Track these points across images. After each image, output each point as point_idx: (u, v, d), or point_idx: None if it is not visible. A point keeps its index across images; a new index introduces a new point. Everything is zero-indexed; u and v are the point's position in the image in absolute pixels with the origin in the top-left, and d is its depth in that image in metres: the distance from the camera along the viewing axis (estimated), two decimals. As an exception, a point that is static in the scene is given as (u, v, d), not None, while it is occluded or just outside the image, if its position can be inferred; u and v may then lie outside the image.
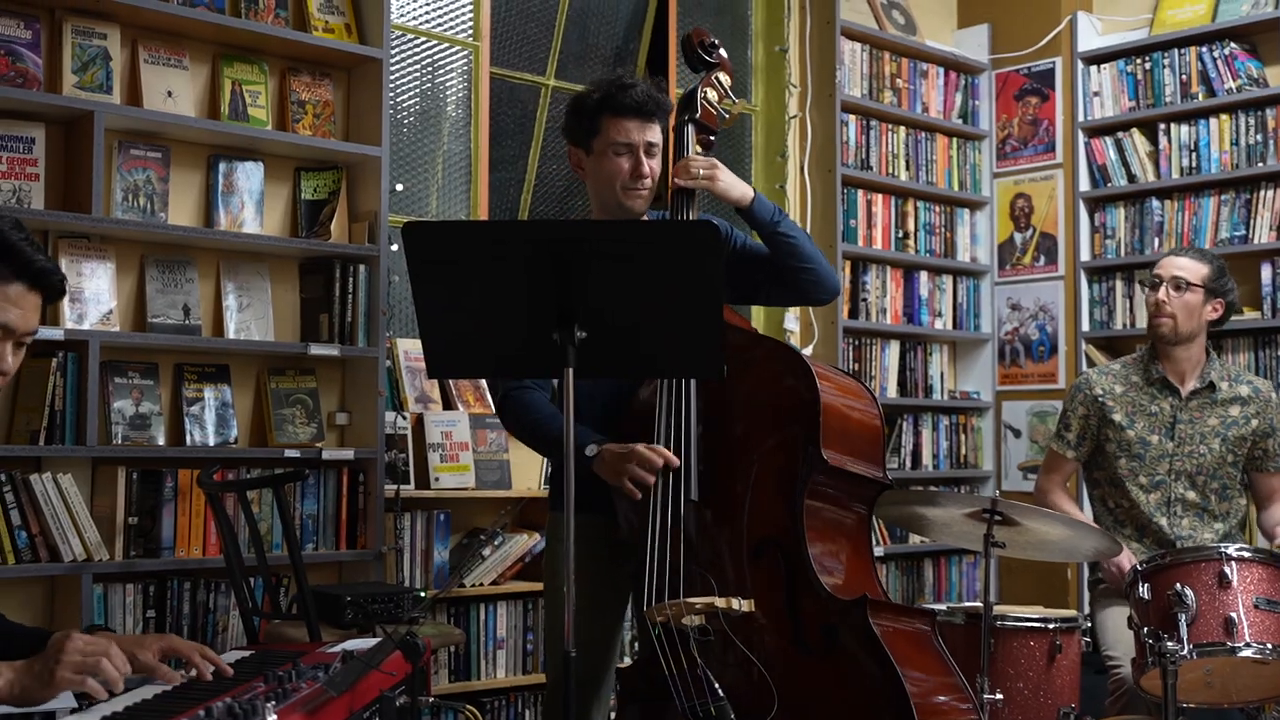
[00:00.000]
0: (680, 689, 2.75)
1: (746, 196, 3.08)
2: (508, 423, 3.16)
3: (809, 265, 3.10)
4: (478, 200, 4.89)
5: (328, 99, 4.24)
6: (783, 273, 3.11)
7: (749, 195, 3.08)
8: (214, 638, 3.83)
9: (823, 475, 2.79)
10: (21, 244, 2.04)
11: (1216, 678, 3.25)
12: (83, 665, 1.98)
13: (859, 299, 5.69)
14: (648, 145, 3.04)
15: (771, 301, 3.29)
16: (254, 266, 4.08)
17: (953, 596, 5.90)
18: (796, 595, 2.76)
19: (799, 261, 3.09)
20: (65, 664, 1.98)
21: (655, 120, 3.07)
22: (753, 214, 3.08)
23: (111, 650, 2.02)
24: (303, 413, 4.09)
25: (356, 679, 1.99)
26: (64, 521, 3.55)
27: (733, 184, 3.08)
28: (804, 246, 3.10)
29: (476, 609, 4.39)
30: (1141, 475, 3.96)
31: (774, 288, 3.16)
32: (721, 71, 3.25)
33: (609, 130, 3.04)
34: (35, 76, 3.66)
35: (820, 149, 5.62)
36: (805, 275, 3.10)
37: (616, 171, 3.03)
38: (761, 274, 3.15)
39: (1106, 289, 5.77)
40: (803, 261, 3.09)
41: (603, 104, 3.05)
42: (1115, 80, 5.79)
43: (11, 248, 2.03)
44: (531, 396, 3.05)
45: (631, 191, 3.04)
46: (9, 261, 2.04)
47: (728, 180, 3.08)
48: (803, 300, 3.23)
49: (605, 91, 3.06)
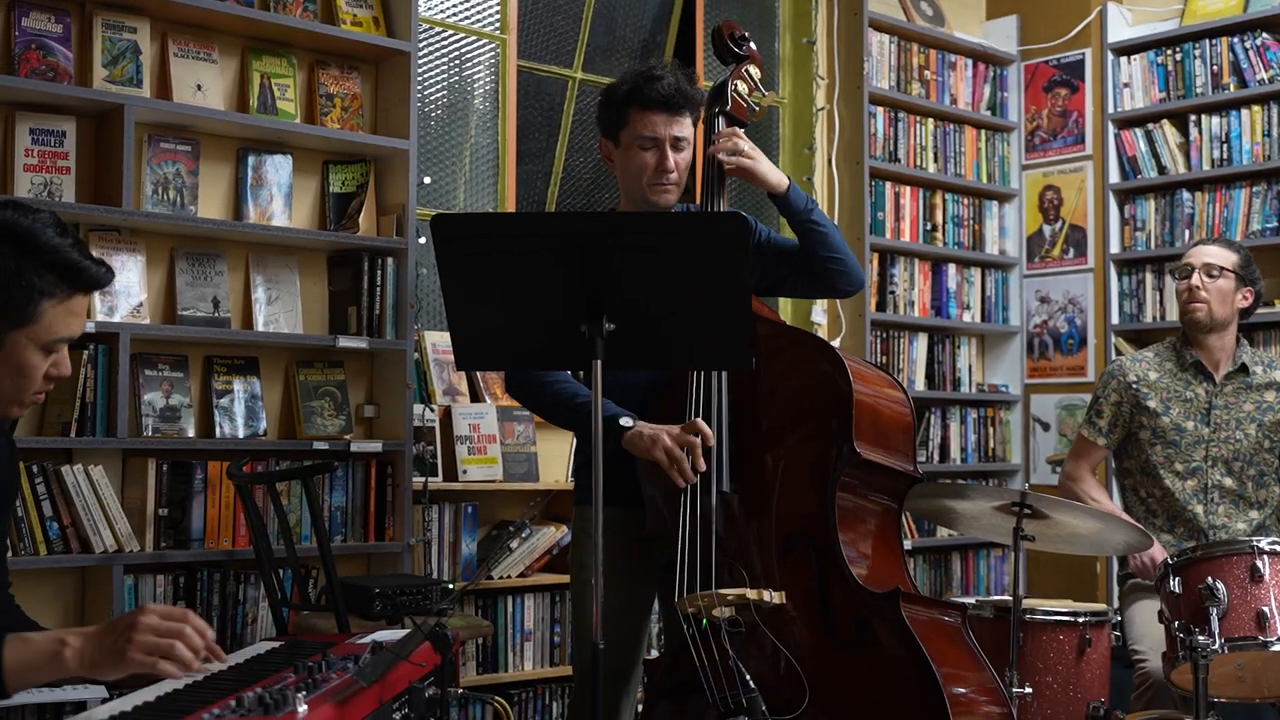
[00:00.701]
0: (711, 680, 2.75)
1: (782, 184, 3.08)
2: (520, 391, 3.12)
3: (837, 256, 3.10)
4: (505, 193, 4.89)
5: (356, 92, 4.25)
6: (811, 263, 3.10)
7: (784, 183, 3.09)
8: (243, 629, 3.85)
9: (854, 468, 2.79)
10: (73, 253, 2.07)
11: (1248, 672, 3.23)
12: (155, 647, 1.96)
13: (887, 292, 5.67)
14: (674, 139, 3.02)
15: (795, 293, 3.28)
16: (283, 259, 4.09)
17: (980, 590, 5.88)
18: (828, 587, 2.75)
19: (828, 252, 3.09)
20: (137, 644, 1.95)
21: (684, 114, 3.04)
22: (787, 201, 3.08)
23: (186, 630, 1.98)
24: (331, 405, 4.11)
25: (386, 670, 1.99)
26: (95, 513, 3.57)
27: (771, 170, 3.09)
28: (834, 237, 3.11)
29: (504, 601, 4.40)
30: (1177, 462, 3.93)
31: (799, 279, 3.16)
32: (751, 64, 3.24)
33: (635, 124, 3.03)
34: (66, 70, 3.68)
35: (848, 141, 5.61)
36: (833, 265, 3.10)
37: (642, 166, 3.03)
38: (786, 267, 3.14)
39: (1136, 281, 5.73)
40: (832, 252, 3.09)
41: (630, 96, 3.04)
42: (1146, 71, 5.75)
43: (72, 265, 2.07)
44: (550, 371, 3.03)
45: (657, 187, 3.03)
46: (74, 279, 2.08)
47: (767, 165, 3.09)
48: (828, 292, 3.22)
49: (633, 84, 3.04)
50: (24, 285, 2.04)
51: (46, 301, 2.06)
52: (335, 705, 1.83)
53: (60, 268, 2.06)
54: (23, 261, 2.04)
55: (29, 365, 2.10)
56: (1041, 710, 3.34)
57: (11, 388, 2.12)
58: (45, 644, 1.99)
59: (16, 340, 2.07)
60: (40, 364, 2.11)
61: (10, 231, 2.04)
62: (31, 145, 3.62)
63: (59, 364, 2.13)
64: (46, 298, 2.06)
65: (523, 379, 3.08)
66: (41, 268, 2.05)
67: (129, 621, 1.98)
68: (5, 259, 2.03)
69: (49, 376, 2.13)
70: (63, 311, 2.09)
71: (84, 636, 1.99)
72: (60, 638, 2.00)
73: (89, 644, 1.98)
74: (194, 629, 1.99)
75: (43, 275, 2.05)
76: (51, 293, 2.06)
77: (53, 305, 2.07)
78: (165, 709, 1.95)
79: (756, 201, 5.38)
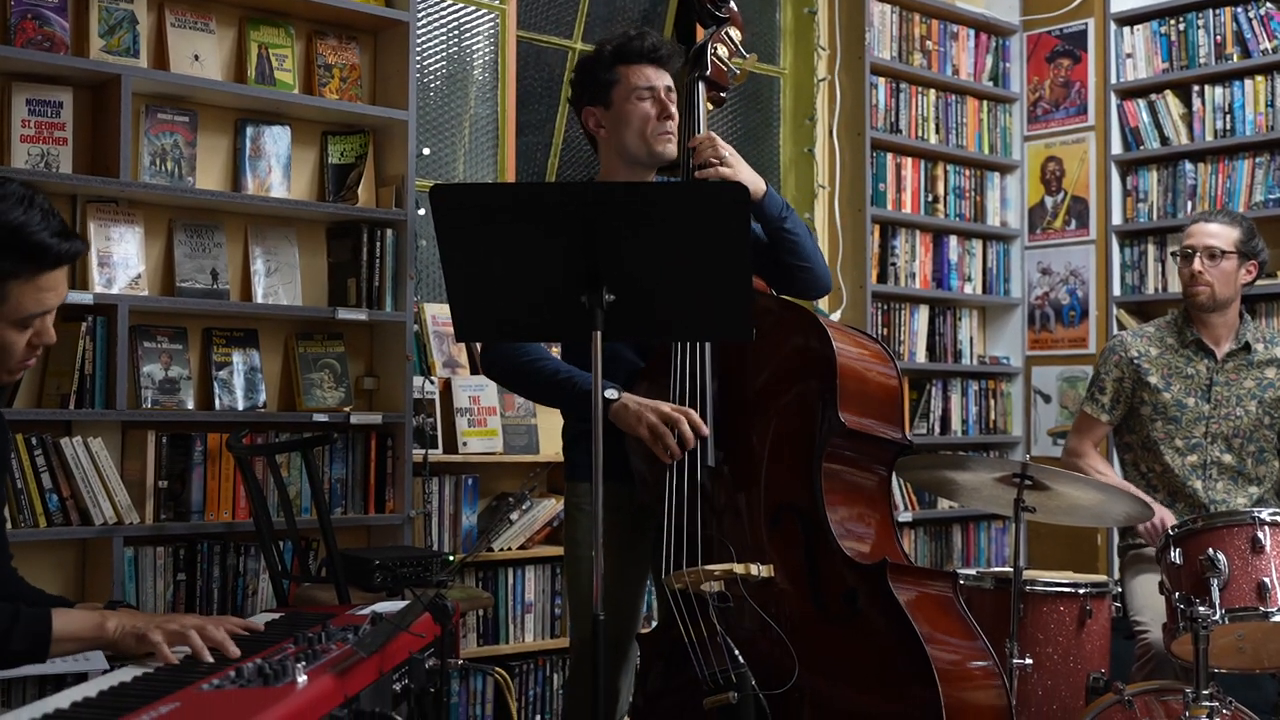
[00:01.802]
0: (700, 656, 2.75)
1: (759, 189, 3.04)
2: (496, 370, 3.11)
3: (806, 265, 3.10)
4: (505, 164, 4.87)
5: (354, 62, 4.22)
6: (780, 267, 3.10)
7: (761, 188, 3.05)
8: (244, 601, 3.85)
9: (840, 438, 2.78)
10: (41, 233, 2.07)
11: (1248, 643, 3.23)
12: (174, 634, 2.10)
13: (888, 263, 5.66)
14: (666, 89, 3.07)
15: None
16: (282, 231, 4.08)
17: (981, 562, 5.89)
18: (816, 560, 2.74)
19: (797, 260, 3.09)
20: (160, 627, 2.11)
21: (670, 68, 3.10)
22: (762, 208, 3.05)
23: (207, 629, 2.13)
24: (331, 377, 4.10)
25: (386, 641, 1.99)
26: (94, 485, 3.57)
27: (748, 175, 3.05)
28: (805, 244, 3.10)
29: (505, 573, 4.41)
30: (1177, 438, 3.93)
31: (767, 277, 3.14)
32: (732, 26, 3.19)
33: (629, 78, 3.05)
34: (62, 40, 3.66)
35: (849, 112, 5.58)
36: (802, 274, 3.11)
37: (644, 116, 3.05)
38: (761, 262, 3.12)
39: (1138, 253, 5.72)
40: (801, 260, 3.09)
41: (618, 55, 3.08)
42: (1148, 41, 5.72)
43: (37, 245, 2.06)
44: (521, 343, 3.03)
45: (662, 135, 3.06)
46: (39, 258, 2.08)
47: (746, 171, 3.05)
48: (793, 294, 3.22)
49: (617, 43, 3.09)
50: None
51: (12, 282, 2.07)
52: (335, 676, 1.83)
53: (22, 249, 2.06)
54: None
55: (6, 342, 2.12)
56: (1042, 681, 3.34)
57: None
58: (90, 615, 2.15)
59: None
60: (18, 339, 2.12)
61: None
62: (28, 116, 3.60)
63: (41, 334, 2.15)
64: (10, 279, 2.06)
65: (499, 358, 3.07)
66: (5, 253, 2.04)
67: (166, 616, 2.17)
68: None
69: (33, 345, 2.15)
70: (31, 289, 2.09)
71: (123, 615, 2.17)
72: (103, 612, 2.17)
73: (125, 620, 2.13)
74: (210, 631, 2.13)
75: (5, 258, 2.05)
76: (15, 273, 2.06)
77: (19, 285, 2.07)
78: (165, 679, 1.95)
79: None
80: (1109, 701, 3.06)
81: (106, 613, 2.15)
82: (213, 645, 2.09)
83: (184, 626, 2.11)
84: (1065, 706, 3.33)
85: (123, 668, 2.04)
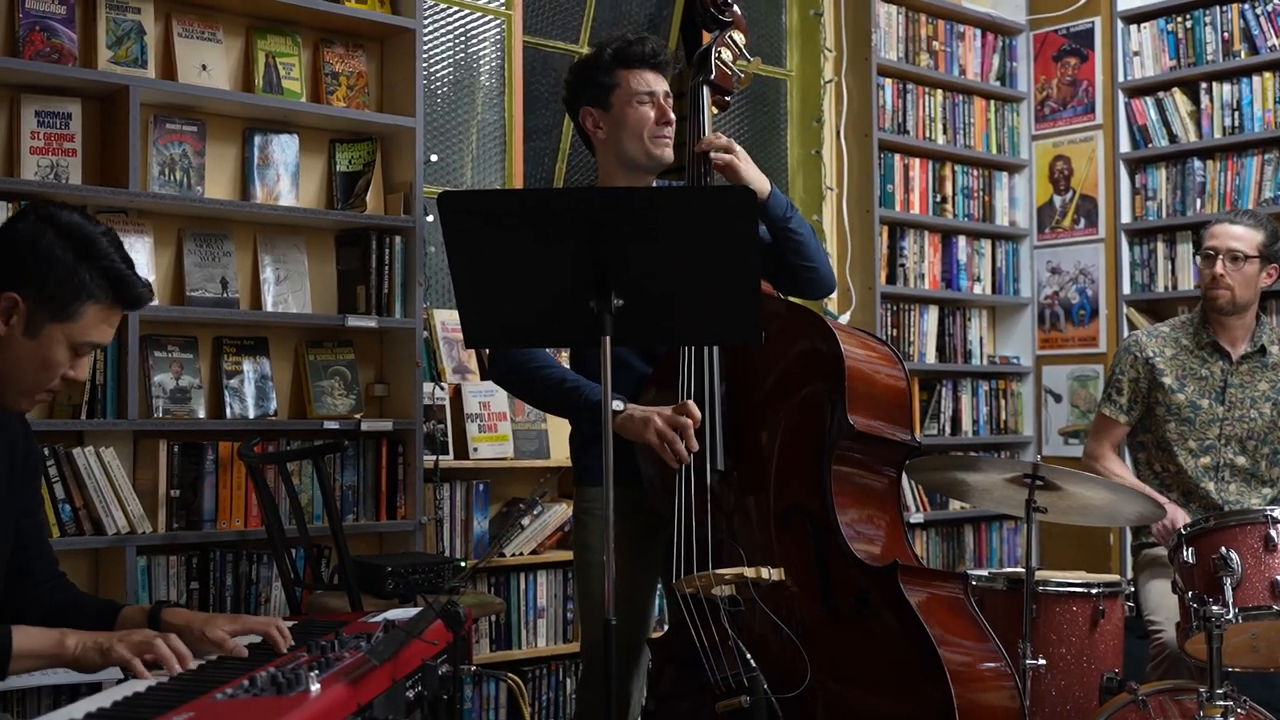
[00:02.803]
0: (711, 660, 2.74)
1: (764, 189, 3.04)
2: (505, 378, 3.12)
3: (810, 265, 3.11)
4: (512, 170, 4.87)
5: (361, 70, 4.23)
6: (784, 267, 3.10)
7: (766, 188, 3.05)
8: (256, 609, 3.86)
9: (849, 440, 2.77)
10: (125, 268, 2.21)
11: (1262, 642, 3.22)
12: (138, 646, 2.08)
13: (897, 265, 5.65)
14: (666, 95, 3.08)
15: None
16: (291, 239, 4.09)
17: (993, 562, 5.88)
18: (827, 563, 2.74)
19: (802, 260, 3.09)
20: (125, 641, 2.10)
21: (668, 73, 3.11)
22: (768, 207, 3.04)
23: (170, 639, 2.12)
24: (341, 384, 4.11)
25: (399, 648, 1.99)
26: (107, 495, 3.58)
27: (755, 174, 3.06)
28: (809, 245, 3.10)
29: (517, 578, 4.41)
30: (1191, 440, 3.92)
31: (774, 280, 3.14)
32: (736, 30, 3.19)
33: (629, 82, 3.05)
34: (70, 52, 3.67)
35: (856, 113, 5.58)
36: (807, 274, 3.12)
37: (643, 120, 3.05)
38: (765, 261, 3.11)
39: (1148, 251, 5.71)
40: (805, 260, 3.09)
41: (617, 58, 3.07)
42: (1156, 39, 5.71)
43: (123, 278, 2.21)
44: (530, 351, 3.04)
45: (660, 139, 3.06)
46: (120, 292, 2.22)
47: (750, 169, 3.06)
48: (798, 294, 3.22)
49: (617, 46, 3.09)
50: (77, 282, 2.16)
51: (92, 304, 2.18)
52: (348, 684, 1.83)
53: (113, 277, 2.19)
54: (81, 261, 2.17)
55: (55, 360, 2.19)
56: (1055, 682, 3.33)
57: (32, 379, 2.21)
58: (48, 633, 2.14)
59: (52, 333, 2.17)
60: (64, 362, 2.20)
61: (76, 232, 2.18)
62: (37, 128, 3.61)
63: (79, 367, 2.23)
64: (93, 301, 2.18)
65: (508, 366, 3.07)
66: (96, 272, 2.18)
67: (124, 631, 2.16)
68: (66, 254, 2.16)
69: (64, 378, 2.22)
70: (102, 318, 2.21)
71: (80, 633, 2.15)
72: (61, 630, 2.15)
73: (85, 637, 2.13)
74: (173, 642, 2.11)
75: (95, 279, 2.18)
76: (98, 297, 2.18)
77: (96, 309, 2.19)
78: (179, 689, 1.96)
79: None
80: (1123, 701, 3.06)
81: (66, 630, 2.14)
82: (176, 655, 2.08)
83: (146, 638, 2.10)
84: (1079, 707, 3.32)
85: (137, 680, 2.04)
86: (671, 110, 3.07)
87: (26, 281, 2.15)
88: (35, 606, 2.37)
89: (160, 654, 2.07)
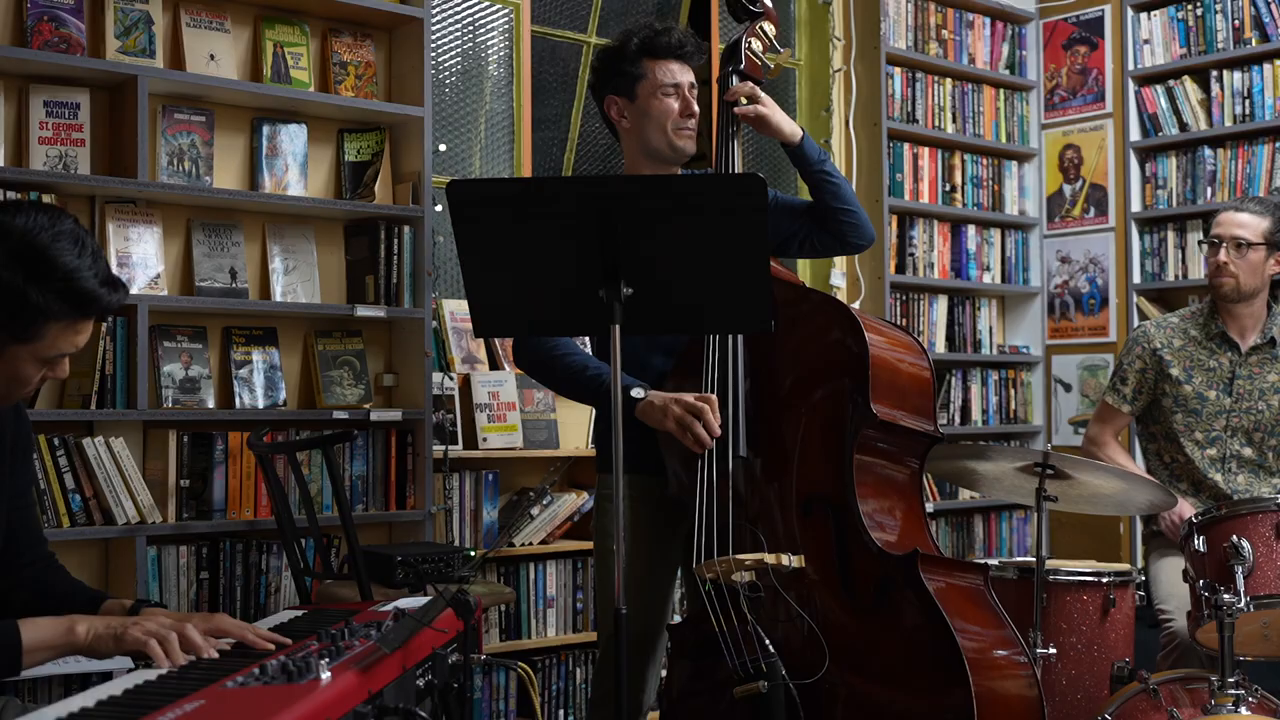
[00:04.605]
0: (731, 646, 2.74)
1: (796, 134, 3.09)
2: (530, 365, 3.12)
3: (849, 208, 3.12)
4: (521, 159, 4.87)
5: (369, 60, 4.22)
6: (823, 216, 3.12)
7: (798, 134, 3.10)
8: (266, 599, 3.87)
9: (872, 429, 2.77)
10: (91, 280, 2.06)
11: (1274, 630, 3.21)
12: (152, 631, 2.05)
13: (906, 254, 5.64)
14: (690, 86, 3.08)
15: (803, 251, 3.25)
16: (299, 229, 4.08)
17: (1004, 552, 5.87)
18: (847, 551, 2.74)
19: (840, 204, 3.11)
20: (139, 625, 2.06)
21: (693, 63, 3.11)
22: (801, 151, 3.09)
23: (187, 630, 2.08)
24: (350, 374, 4.11)
25: (409, 636, 1.99)
26: (117, 485, 3.58)
27: (784, 119, 3.11)
28: (845, 190, 3.13)
29: (526, 568, 4.41)
30: (1197, 431, 3.91)
31: (810, 234, 3.16)
32: (766, 21, 3.22)
33: (654, 73, 3.06)
34: (79, 42, 3.67)
35: (865, 102, 5.56)
36: (846, 218, 3.12)
37: (667, 112, 3.06)
38: (795, 223, 3.15)
39: (1158, 240, 5.69)
40: (844, 203, 3.11)
41: (644, 48, 3.07)
42: (1166, 27, 5.68)
43: (84, 294, 2.06)
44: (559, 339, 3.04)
45: (683, 131, 3.07)
46: (85, 306, 2.08)
47: (780, 115, 3.10)
48: (839, 246, 3.22)
49: (644, 36, 3.08)
50: (30, 306, 2.03)
51: (53, 324, 2.06)
52: (358, 672, 1.83)
53: (72, 295, 2.05)
54: (31, 285, 2.02)
55: (24, 375, 2.13)
56: (1066, 671, 3.33)
57: (4, 391, 2.15)
58: (57, 621, 2.08)
59: (16, 353, 2.09)
60: (35, 373, 2.13)
61: (25, 251, 2.02)
62: (46, 118, 3.61)
63: (56, 369, 2.15)
64: (53, 320, 2.06)
65: (532, 354, 3.07)
66: (52, 293, 2.03)
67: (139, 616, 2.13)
68: (14, 278, 2.01)
69: (44, 378, 2.16)
70: (68, 332, 2.09)
71: (90, 618, 2.10)
72: (70, 617, 2.10)
73: (96, 623, 2.08)
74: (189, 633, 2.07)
75: (51, 300, 2.04)
76: (59, 316, 2.06)
77: (59, 327, 2.07)
78: (189, 678, 1.95)
79: (767, 162, 5.36)
80: (1134, 690, 3.05)
81: (76, 617, 2.09)
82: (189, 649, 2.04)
83: (161, 626, 2.06)
84: (1090, 696, 3.32)
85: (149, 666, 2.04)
86: (695, 102, 3.09)
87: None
88: (22, 587, 2.36)
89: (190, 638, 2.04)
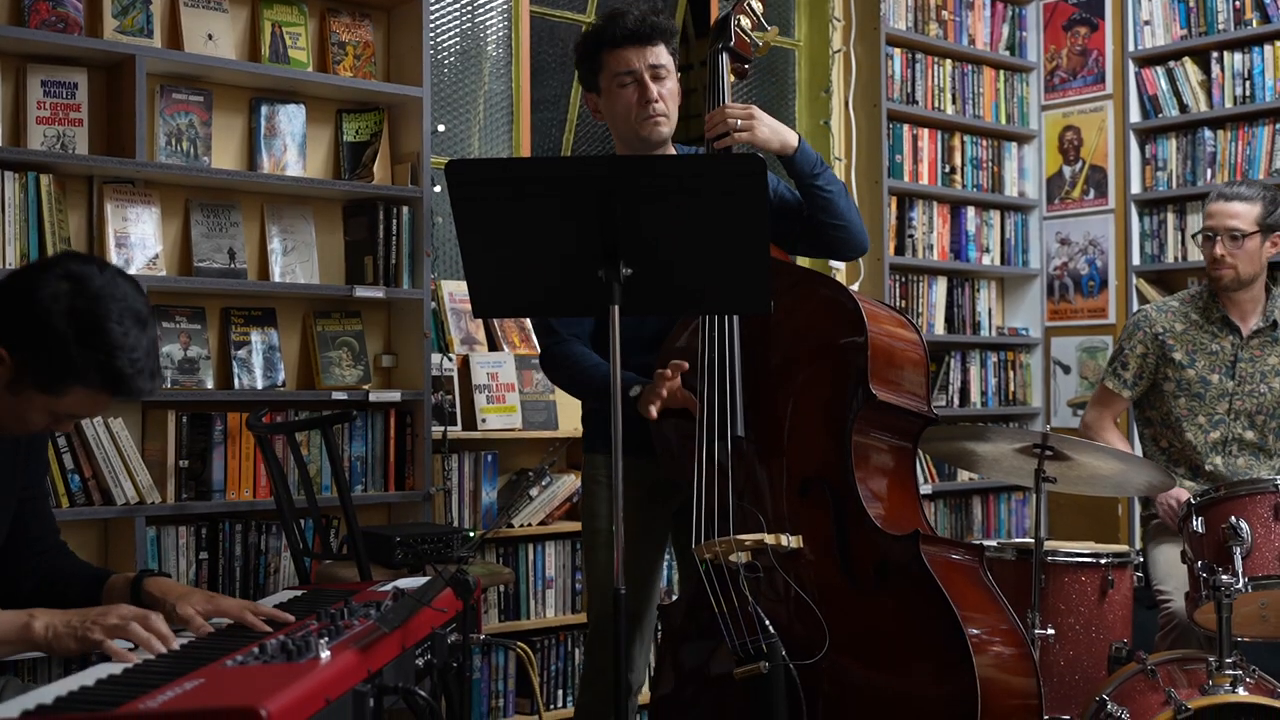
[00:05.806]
0: (730, 627, 2.75)
1: (790, 145, 2.99)
2: (553, 377, 3.15)
3: (840, 223, 3.05)
4: (520, 140, 4.86)
5: (368, 40, 4.21)
6: (814, 226, 3.06)
7: (792, 143, 3.00)
8: (266, 579, 3.87)
9: (870, 410, 2.77)
10: (129, 364, 2.09)
11: (1271, 611, 3.22)
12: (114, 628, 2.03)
13: (905, 235, 5.63)
14: (652, 69, 2.99)
15: (796, 252, 3.23)
16: (298, 209, 4.08)
17: (1002, 533, 5.88)
18: (846, 530, 2.75)
19: (831, 218, 3.04)
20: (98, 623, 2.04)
21: (655, 42, 3.00)
22: (795, 163, 3.01)
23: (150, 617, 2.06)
24: (349, 355, 4.10)
25: (409, 616, 1.99)
26: (116, 465, 3.58)
27: (774, 133, 2.99)
28: (839, 202, 3.04)
29: (525, 549, 4.41)
30: (1200, 415, 3.91)
31: (802, 239, 3.11)
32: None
33: (610, 64, 3.01)
34: (76, 21, 3.66)
35: (865, 84, 5.55)
36: (836, 232, 3.05)
37: (627, 104, 3.00)
38: (790, 225, 3.08)
39: (1158, 222, 5.68)
40: (835, 218, 3.04)
41: (599, 39, 3.03)
42: (1166, 8, 5.67)
43: (120, 376, 2.09)
44: (572, 348, 3.04)
45: (646, 121, 3.00)
46: (113, 387, 2.11)
47: (768, 129, 2.99)
48: (828, 255, 3.18)
49: (598, 27, 3.04)
50: (68, 362, 2.06)
51: (79, 388, 2.09)
52: (358, 651, 1.84)
53: (109, 370, 2.08)
54: (77, 344, 2.05)
55: (30, 421, 2.15)
56: (1064, 652, 3.34)
57: (6, 422, 2.16)
58: (14, 616, 2.06)
59: (32, 399, 2.11)
60: (41, 424, 2.16)
61: (88, 311, 2.06)
62: (44, 98, 3.60)
63: (60, 426, 2.19)
64: (81, 384, 2.09)
65: (554, 365, 3.08)
66: (91, 361, 2.06)
67: (99, 610, 2.07)
68: (67, 330, 2.04)
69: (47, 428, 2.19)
70: (88, 400, 2.13)
71: (51, 613, 2.07)
72: (29, 611, 2.07)
73: (55, 618, 2.05)
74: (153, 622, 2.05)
75: (87, 367, 2.07)
76: (88, 382, 2.09)
77: (83, 393, 2.11)
78: (189, 656, 1.96)
79: (773, 146, 5.34)
80: (1132, 671, 3.06)
81: (35, 611, 2.07)
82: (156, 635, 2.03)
83: (122, 619, 2.04)
84: (1088, 676, 3.33)
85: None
86: (658, 86, 2.98)
87: (20, 342, 2.06)
88: (30, 576, 2.36)
89: (136, 636, 2.02)
